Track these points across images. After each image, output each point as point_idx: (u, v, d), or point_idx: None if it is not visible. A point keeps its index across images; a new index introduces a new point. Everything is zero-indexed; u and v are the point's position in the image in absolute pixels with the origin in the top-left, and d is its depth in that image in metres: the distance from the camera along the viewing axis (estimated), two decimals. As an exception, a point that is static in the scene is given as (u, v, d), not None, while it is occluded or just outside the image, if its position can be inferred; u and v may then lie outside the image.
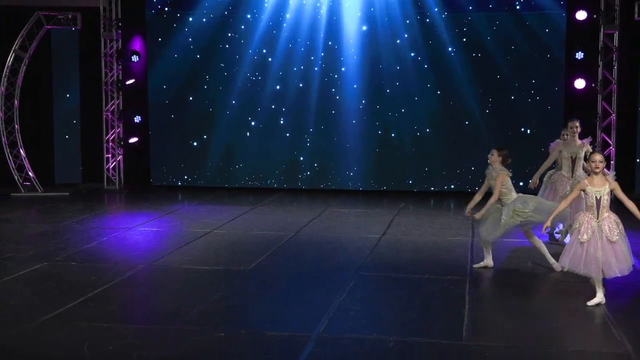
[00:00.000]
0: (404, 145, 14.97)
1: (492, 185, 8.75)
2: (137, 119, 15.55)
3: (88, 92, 15.81)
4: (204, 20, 15.23)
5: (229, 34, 15.24)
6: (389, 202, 13.87)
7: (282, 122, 15.23)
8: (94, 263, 9.38)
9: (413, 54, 14.73)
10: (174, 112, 15.50)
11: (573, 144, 10.02)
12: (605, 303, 7.39)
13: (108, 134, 15.62)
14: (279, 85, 15.19)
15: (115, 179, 15.67)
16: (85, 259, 9.55)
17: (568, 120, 10.30)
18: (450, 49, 14.59)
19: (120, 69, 15.52)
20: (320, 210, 13.03)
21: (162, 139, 15.59)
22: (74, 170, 15.99)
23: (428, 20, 14.60)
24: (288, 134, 15.25)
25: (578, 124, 10.03)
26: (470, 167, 14.65)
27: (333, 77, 15.08)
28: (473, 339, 6.50)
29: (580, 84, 13.89)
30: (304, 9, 15.01)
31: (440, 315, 7.17)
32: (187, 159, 15.58)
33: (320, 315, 7.11)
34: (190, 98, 15.40)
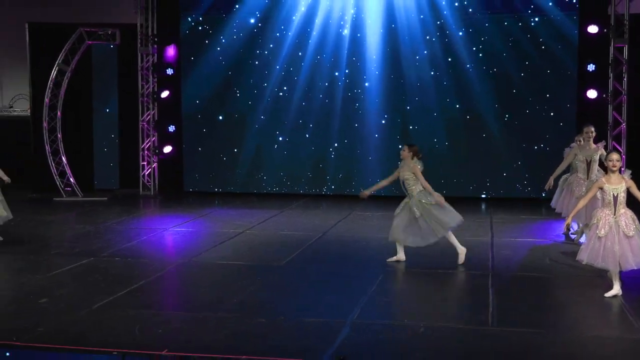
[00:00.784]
0: (423, 157, 15.01)
1: (401, 177, 9.08)
2: (171, 129, 15.78)
3: (125, 103, 16.10)
4: (235, 37, 15.47)
5: (258, 51, 15.46)
6: (410, 206, 13.94)
7: (307, 135, 15.39)
8: (136, 259, 9.56)
9: (433, 70, 14.82)
10: (206, 122, 15.73)
11: (588, 148, 10.12)
12: (622, 294, 7.47)
13: (144, 143, 15.85)
14: (305, 102, 15.35)
15: (150, 185, 15.88)
16: (128, 255, 9.73)
17: (583, 126, 10.39)
18: (468, 66, 14.69)
19: (156, 82, 15.76)
20: (345, 214, 13.16)
21: (194, 148, 15.82)
22: (112, 177, 16.28)
23: (447, 40, 14.69)
24: (313, 147, 15.40)
25: (593, 129, 10.14)
26: (486, 176, 14.76)
27: (356, 92, 15.21)
28: (499, 326, 6.60)
29: (592, 94, 13.96)
30: (330, 27, 15.17)
31: (466, 305, 7.29)
32: (217, 167, 15.78)
33: (353, 305, 7.24)
34: (221, 110, 15.61)
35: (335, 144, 15.36)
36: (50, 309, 7.19)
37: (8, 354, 6.01)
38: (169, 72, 15.66)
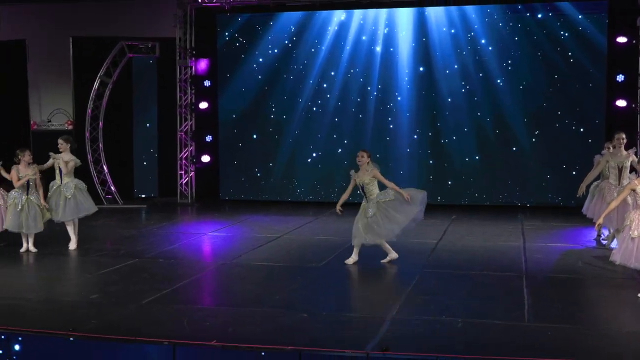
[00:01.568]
0: (454, 170, 15.16)
1: (361, 183, 9.27)
2: (208, 139, 16.09)
3: (164, 114, 16.45)
4: (270, 52, 15.76)
5: (292, 66, 15.71)
6: (441, 215, 14.04)
7: (339, 150, 15.58)
8: (179, 260, 9.81)
9: (463, 85, 14.94)
10: (241, 133, 16.01)
11: (619, 154, 10.19)
12: (655, 294, 7.54)
13: (182, 153, 16.17)
14: (337, 117, 15.55)
15: (188, 194, 16.17)
16: (171, 257, 9.99)
17: (614, 133, 10.46)
18: (499, 80, 14.78)
19: (193, 94, 16.09)
20: (378, 221, 13.28)
21: (230, 158, 16.10)
22: (151, 185, 16.61)
23: (477, 55, 14.79)
24: (346, 162, 15.53)
25: (624, 136, 10.22)
26: (516, 186, 14.83)
27: (388, 106, 15.37)
28: (535, 322, 6.71)
29: (622, 103, 14.01)
30: (362, 42, 15.35)
31: (502, 303, 7.39)
32: (252, 176, 16.04)
33: (391, 302, 7.39)
34: (256, 122, 15.88)
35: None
36: (102, 304, 7.45)
37: (65, 343, 6.25)
38: (207, 84, 16.00)
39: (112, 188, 15.57)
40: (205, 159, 16.15)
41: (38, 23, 17.16)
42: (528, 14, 14.59)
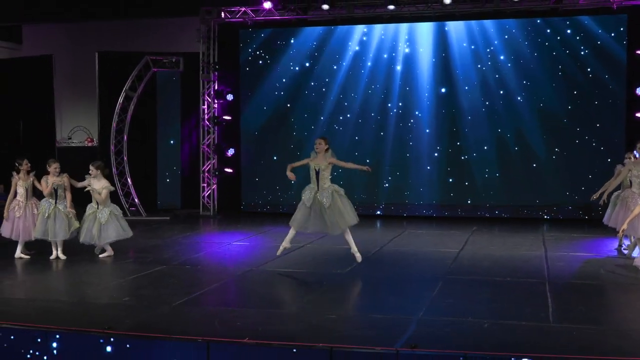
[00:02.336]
0: (474, 188, 15.29)
1: (316, 167, 9.64)
2: (230, 152, 16.36)
3: (187, 127, 16.77)
4: (291, 67, 16.05)
5: (313, 83, 15.97)
6: (462, 226, 14.20)
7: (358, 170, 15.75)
8: (205, 267, 10.05)
9: (483, 102, 15.08)
10: (263, 147, 16.26)
11: (642, 163, 10.31)
12: (679, 299, 7.66)
13: (204, 165, 16.44)
14: (357, 135, 15.75)
15: (210, 206, 16.42)
16: (197, 264, 10.22)
17: (637, 142, 10.57)
18: (519, 98, 14.93)
19: (216, 107, 16.39)
20: (400, 232, 13.49)
21: (251, 171, 16.36)
22: (174, 198, 16.90)
23: (497, 75, 14.96)
24: (366, 179, 15.78)
25: (647, 144, 10.35)
26: (536, 199, 14.96)
27: (407, 123, 15.53)
28: (560, 322, 6.85)
29: (641, 115, 14.17)
30: (382, 58, 15.56)
31: (527, 306, 7.53)
32: (273, 190, 16.26)
33: (418, 305, 7.56)
34: (277, 138, 16.09)
35: (389, 177, 15.68)
36: (134, 305, 7.68)
37: (102, 341, 6.47)
38: (229, 98, 16.29)
39: (135, 200, 15.85)
40: (228, 172, 16.40)
41: (62, 40, 17.61)
42: (549, 31, 14.75)
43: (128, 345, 6.42)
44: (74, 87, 17.78)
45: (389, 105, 15.65)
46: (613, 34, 14.39)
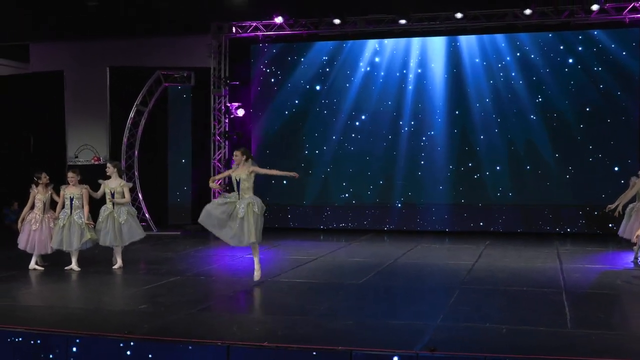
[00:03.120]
0: (488, 206, 15.38)
1: (237, 178, 9.64)
2: (241, 167, 16.48)
3: (198, 142, 16.96)
4: (302, 83, 16.27)
5: (324, 101, 16.17)
6: (475, 240, 14.30)
7: (371, 186, 15.96)
8: (220, 277, 10.20)
9: (495, 120, 15.24)
10: (274, 162, 16.36)
11: (657, 175, 10.44)
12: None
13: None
14: (368, 156, 15.94)
15: (221, 221, 16.52)
16: (211, 275, 10.37)
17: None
18: (533, 116, 15.07)
19: (227, 122, 16.59)
20: (413, 245, 13.59)
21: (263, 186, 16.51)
22: (184, 213, 17.02)
23: (510, 95, 15.12)
24: (378, 200, 15.87)
25: (662, 157, 10.48)
26: (549, 213, 15.06)
27: (419, 142, 15.70)
28: (578, 328, 6.95)
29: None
30: (394, 74, 15.78)
31: (544, 313, 7.63)
32: (284, 206, 16.41)
33: (435, 312, 7.67)
34: (288, 154, 16.23)
35: (402, 198, 15.81)
36: (152, 312, 7.80)
37: (122, 345, 6.59)
38: (240, 113, 16.48)
39: (146, 215, 15.99)
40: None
41: (67, 59, 17.83)
42: (562, 47, 14.91)
43: (148, 349, 6.54)
44: (80, 106, 17.95)
45: (401, 123, 15.79)
46: (625, 48, 14.55)
